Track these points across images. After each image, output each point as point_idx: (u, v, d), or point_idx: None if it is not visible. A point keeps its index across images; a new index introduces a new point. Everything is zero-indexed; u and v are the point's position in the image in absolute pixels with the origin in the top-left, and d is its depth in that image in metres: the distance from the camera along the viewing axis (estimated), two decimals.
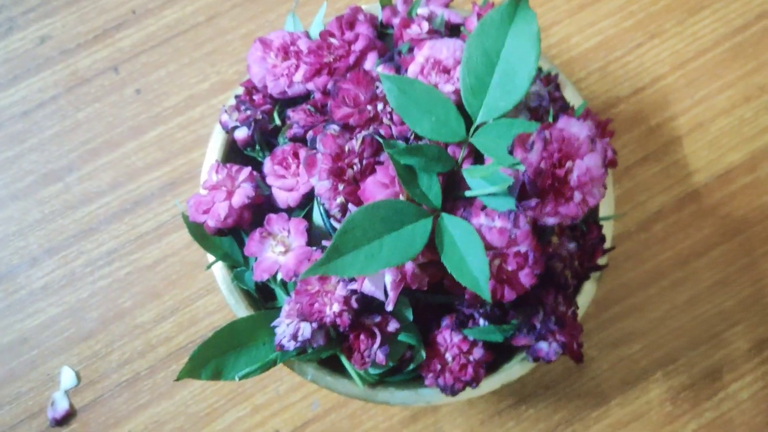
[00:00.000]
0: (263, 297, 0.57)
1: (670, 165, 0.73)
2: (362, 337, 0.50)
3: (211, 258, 0.55)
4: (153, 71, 0.73)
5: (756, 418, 0.67)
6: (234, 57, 0.74)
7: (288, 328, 0.51)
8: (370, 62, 0.53)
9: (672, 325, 0.69)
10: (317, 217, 0.53)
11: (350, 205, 0.46)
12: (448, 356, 0.52)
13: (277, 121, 0.56)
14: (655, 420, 0.67)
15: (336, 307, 0.48)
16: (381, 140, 0.46)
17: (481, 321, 0.52)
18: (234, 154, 0.59)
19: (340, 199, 0.46)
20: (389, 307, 0.45)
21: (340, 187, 0.46)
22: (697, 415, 0.67)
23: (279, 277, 0.52)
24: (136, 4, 0.75)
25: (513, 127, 0.45)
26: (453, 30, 0.57)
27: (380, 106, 0.48)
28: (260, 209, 0.54)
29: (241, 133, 0.56)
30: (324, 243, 0.49)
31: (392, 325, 0.50)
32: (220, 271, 0.56)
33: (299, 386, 0.66)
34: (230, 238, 0.56)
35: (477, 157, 0.47)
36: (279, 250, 0.52)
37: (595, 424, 0.67)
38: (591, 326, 0.68)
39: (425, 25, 0.53)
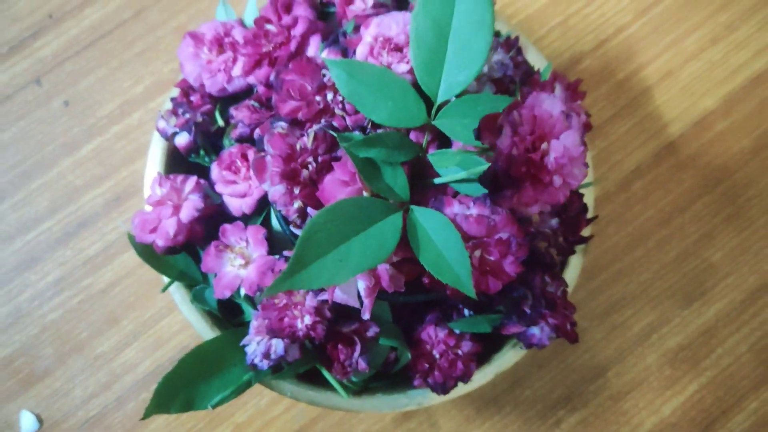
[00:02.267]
0: (229, 312, 0.53)
1: (643, 118, 0.69)
2: (340, 346, 0.47)
3: (166, 279, 0.51)
4: (81, 79, 0.67)
5: (758, 369, 0.65)
6: (168, 54, 0.68)
7: (259, 346, 0.47)
8: (314, 47, 0.48)
9: (662, 286, 0.66)
10: (276, 223, 0.49)
11: (309, 209, 0.41)
12: (435, 353, 0.49)
13: (220, 122, 0.51)
14: (656, 385, 0.64)
15: (308, 320, 0.45)
16: (335, 134, 0.41)
17: (466, 311, 0.49)
18: (177, 162, 0.54)
19: (297, 204, 0.41)
20: (366, 316, 0.41)
21: (296, 190, 0.41)
22: (697, 374, 0.65)
23: (243, 292, 0.48)
24: (53, 7, 0.68)
25: (478, 103, 0.41)
26: (401, 1, 0.52)
27: (330, 96, 0.43)
28: (213, 220, 0.50)
29: (182, 139, 0.51)
30: (286, 253, 0.45)
31: (372, 330, 0.47)
32: (178, 291, 0.52)
33: (281, 398, 0.62)
34: (184, 254, 0.52)
35: (442, 140, 0.43)
36: (239, 263, 0.48)
37: (595, 397, 0.64)
38: (580, 297, 0.65)
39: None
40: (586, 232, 0.53)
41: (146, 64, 0.68)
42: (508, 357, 0.52)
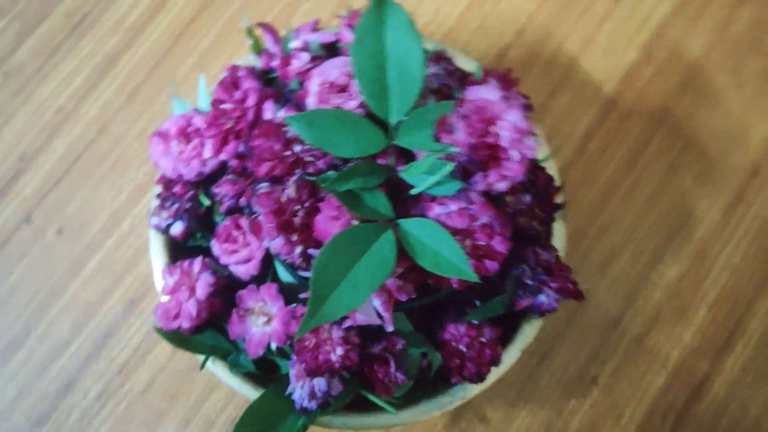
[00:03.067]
0: (265, 372, 0.56)
1: (578, 87, 0.74)
2: (376, 366, 0.50)
3: (200, 358, 0.54)
4: (66, 205, 0.71)
5: (755, 275, 0.69)
6: (138, 159, 0.72)
7: (303, 389, 0.50)
8: (270, 111, 0.53)
9: (644, 227, 0.71)
10: (283, 275, 0.53)
11: (310, 251, 0.45)
12: (462, 347, 0.52)
13: (207, 202, 0.55)
14: (670, 318, 0.68)
15: (340, 350, 0.48)
16: (313, 178, 0.45)
17: (477, 303, 0.53)
18: (178, 250, 0.57)
19: (298, 249, 0.45)
20: (389, 328, 0.45)
21: (294, 237, 0.45)
22: (702, 296, 0.69)
23: (273, 345, 0.51)
24: (22, 150, 0.72)
25: (426, 113, 0.45)
26: (331, 49, 0.57)
27: (298, 147, 0.47)
28: (227, 290, 0.53)
29: (177, 228, 0.55)
30: (301, 296, 0.49)
31: (399, 344, 0.50)
32: (215, 365, 0.55)
33: None
34: (209, 330, 0.55)
35: (407, 156, 0.47)
36: (262, 321, 0.51)
37: (619, 344, 0.67)
38: (574, 262, 0.69)
39: (305, 56, 0.53)
40: (559, 199, 0.57)
41: (122, 174, 0.72)
42: (528, 331, 0.55)
